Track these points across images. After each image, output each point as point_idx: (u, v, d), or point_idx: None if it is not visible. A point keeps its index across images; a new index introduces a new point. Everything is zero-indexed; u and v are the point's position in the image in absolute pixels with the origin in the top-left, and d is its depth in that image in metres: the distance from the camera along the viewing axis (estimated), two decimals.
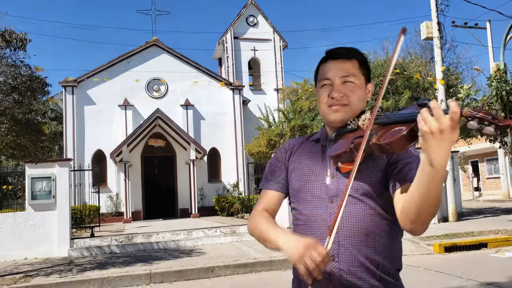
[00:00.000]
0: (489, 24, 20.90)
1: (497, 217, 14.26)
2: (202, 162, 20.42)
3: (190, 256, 9.29)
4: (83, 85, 19.88)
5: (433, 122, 1.12)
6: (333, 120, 1.57)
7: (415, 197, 1.25)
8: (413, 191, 1.26)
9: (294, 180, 1.64)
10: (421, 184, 1.22)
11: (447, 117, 1.10)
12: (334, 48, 1.63)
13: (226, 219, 16.35)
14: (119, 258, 9.59)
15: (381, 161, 1.50)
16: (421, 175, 1.22)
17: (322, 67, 1.62)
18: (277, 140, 15.96)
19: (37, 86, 8.05)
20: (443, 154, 1.14)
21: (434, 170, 1.16)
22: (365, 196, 1.48)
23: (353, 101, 1.54)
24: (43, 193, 10.40)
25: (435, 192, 1.21)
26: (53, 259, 9.80)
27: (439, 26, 14.17)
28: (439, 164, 1.15)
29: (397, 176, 1.44)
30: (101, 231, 12.67)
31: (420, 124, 1.15)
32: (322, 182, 1.55)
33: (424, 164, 1.19)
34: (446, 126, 1.11)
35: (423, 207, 1.24)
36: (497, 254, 8.39)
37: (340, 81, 1.55)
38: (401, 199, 1.36)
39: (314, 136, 1.72)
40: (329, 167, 1.57)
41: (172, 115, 19.73)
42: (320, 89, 1.60)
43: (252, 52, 24.07)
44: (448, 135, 1.11)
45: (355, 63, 1.58)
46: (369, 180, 1.48)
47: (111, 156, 18.52)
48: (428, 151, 1.15)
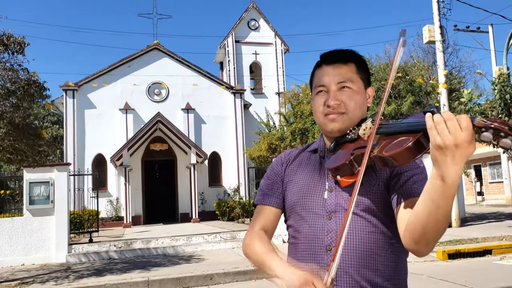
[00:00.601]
0: (491, 28, 20.80)
1: (501, 223, 14.12)
2: (203, 166, 20.31)
3: (189, 262, 9.16)
4: (84, 89, 19.82)
5: (447, 135, 1.01)
6: (330, 130, 1.45)
7: (422, 215, 1.12)
8: (420, 208, 1.13)
9: (290, 194, 1.51)
10: (430, 200, 1.09)
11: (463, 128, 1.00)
12: (329, 52, 1.50)
13: (226, 224, 16.22)
14: (117, 264, 9.47)
15: (384, 173, 1.37)
16: (430, 190, 1.09)
17: (317, 73, 1.50)
18: (278, 144, 15.83)
19: (35, 90, 7.96)
20: (457, 168, 1.03)
21: (446, 185, 1.05)
22: (366, 212, 1.36)
23: (351, 108, 1.42)
24: (41, 198, 10.28)
25: (445, 209, 1.08)
26: (51, 265, 9.68)
27: (442, 30, 14.07)
28: (452, 180, 1.04)
29: (400, 189, 1.31)
30: (100, 236, 12.55)
31: (433, 137, 1.03)
32: (320, 197, 1.43)
33: (434, 179, 1.07)
34: (463, 140, 1.00)
35: (430, 225, 1.12)
36: (502, 262, 8.26)
37: (336, 87, 1.43)
38: (405, 216, 1.23)
39: (311, 146, 1.59)
40: (327, 180, 1.44)
41: (173, 119, 19.64)
42: (315, 97, 1.48)
43: (254, 56, 24.01)
44: (465, 149, 1.00)
45: (352, 66, 1.45)
46: (371, 194, 1.36)
47: (112, 160, 18.43)
48: (440, 165, 1.04)
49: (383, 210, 1.36)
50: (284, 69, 24.08)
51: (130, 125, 19.73)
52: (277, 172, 1.59)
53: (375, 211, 1.36)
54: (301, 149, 1.63)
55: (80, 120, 19.48)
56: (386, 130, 1.26)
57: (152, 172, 21.19)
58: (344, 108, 1.42)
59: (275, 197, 1.54)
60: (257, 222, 1.54)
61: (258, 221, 1.54)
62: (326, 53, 1.50)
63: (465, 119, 1.00)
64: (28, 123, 8.01)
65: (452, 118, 1.01)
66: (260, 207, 1.56)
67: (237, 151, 20.84)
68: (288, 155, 1.62)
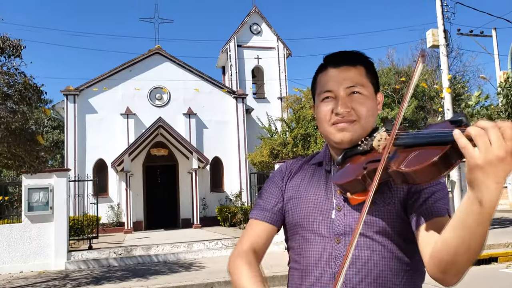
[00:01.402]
0: (495, 32, 20.67)
1: (505, 229, 13.94)
2: (205, 171, 20.17)
3: (189, 270, 9.01)
4: (85, 93, 19.73)
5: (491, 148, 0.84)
6: (339, 141, 1.27)
7: (452, 243, 0.96)
8: (450, 235, 0.97)
9: (292, 213, 1.34)
10: (463, 227, 0.93)
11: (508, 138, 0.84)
12: (335, 53, 1.34)
13: (228, 230, 16.06)
14: (117, 272, 9.32)
15: (400, 191, 1.21)
16: (464, 216, 0.93)
17: (321, 77, 1.33)
18: (280, 149, 15.69)
19: (32, 94, 7.84)
20: (497, 189, 0.86)
21: (484, 209, 0.88)
22: (381, 235, 1.20)
23: (363, 115, 1.25)
24: (40, 204, 10.16)
25: (481, 236, 0.93)
26: (49, 273, 9.54)
27: (445, 34, 13.93)
28: (491, 202, 0.88)
29: (421, 209, 1.15)
30: (100, 243, 12.40)
31: (470, 154, 0.86)
32: (327, 217, 1.26)
33: (470, 202, 0.90)
34: (508, 152, 0.83)
35: (461, 254, 0.96)
36: (508, 270, 8.12)
37: (345, 93, 1.26)
38: (429, 240, 1.07)
39: (315, 159, 1.42)
40: (334, 197, 1.28)
41: (174, 123, 19.53)
42: (321, 104, 1.31)
43: (256, 60, 23.91)
44: (509, 163, 0.84)
45: (361, 69, 1.29)
46: (386, 214, 1.19)
47: (113, 165, 18.31)
48: (480, 187, 0.87)
49: (400, 233, 1.20)
50: (286, 73, 23.97)
51: (131, 130, 19.62)
52: (277, 185, 1.41)
53: (390, 233, 1.19)
54: (304, 160, 1.46)
55: (81, 125, 19.39)
56: (406, 142, 1.08)
57: (153, 177, 21.06)
58: (355, 116, 1.25)
59: (272, 212, 1.37)
60: (248, 238, 1.36)
61: (249, 237, 1.36)
62: (331, 55, 1.34)
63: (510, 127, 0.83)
64: (25, 128, 7.90)
65: (493, 126, 0.84)
66: (254, 221, 1.38)
67: (239, 156, 20.70)
68: (290, 166, 1.45)
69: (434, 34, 13.98)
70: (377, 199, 1.18)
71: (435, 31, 14.08)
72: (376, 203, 1.18)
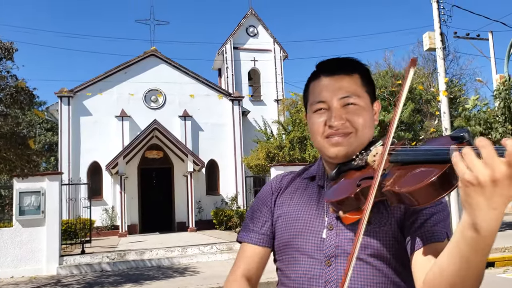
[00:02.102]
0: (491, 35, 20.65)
1: (502, 232, 13.88)
2: (200, 174, 20.05)
3: (183, 275, 8.88)
4: (79, 95, 19.58)
5: (482, 168, 0.74)
6: (334, 156, 1.18)
7: (447, 272, 0.87)
8: (444, 263, 0.88)
9: (280, 231, 1.25)
10: (459, 255, 0.84)
11: (502, 161, 0.73)
12: (328, 60, 1.24)
13: (223, 233, 15.93)
14: (109, 277, 9.18)
15: (397, 210, 1.12)
16: (459, 243, 0.83)
17: (313, 86, 1.23)
18: (276, 152, 15.59)
19: (24, 98, 7.70)
20: (495, 215, 0.76)
21: (480, 237, 0.79)
22: (375, 258, 1.10)
23: (360, 127, 1.16)
24: (32, 208, 10.00)
25: (478, 266, 0.83)
26: (40, 278, 9.38)
27: (442, 37, 13.88)
28: (489, 230, 0.78)
29: (418, 232, 1.05)
30: (94, 247, 12.24)
31: (461, 171, 0.77)
32: (317, 236, 1.17)
33: (465, 228, 0.81)
34: (502, 175, 0.73)
35: (458, 285, 0.86)
36: (505, 275, 8.06)
37: (340, 104, 1.17)
38: (424, 266, 0.98)
39: (308, 173, 1.32)
40: (326, 215, 1.18)
41: (169, 126, 19.40)
42: (313, 115, 1.21)
43: (252, 62, 23.82)
44: (506, 188, 0.74)
45: (356, 78, 1.19)
46: (381, 236, 1.10)
47: (107, 168, 18.16)
48: (473, 210, 0.77)
49: (396, 256, 1.10)
50: (283, 76, 23.88)
51: (126, 133, 19.47)
52: (266, 202, 1.32)
53: (386, 256, 1.10)
54: (296, 174, 1.36)
55: (75, 127, 19.22)
56: (403, 158, 0.99)
57: (148, 180, 20.91)
58: (351, 128, 1.16)
59: (261, 233, 1.28)
60: (240, 264, 1.28)
61: (241, 263, 1.28)
62: (324, 62, 1.24)
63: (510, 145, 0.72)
64: (16, 132, 7.76)
65: (487, 145, 0.74)
66: (244, 245, 1.30)
67: (235, 159, 20.58)
68: (280, 181, 1.35)
69: (430, 37, 13.93)
70: (373, 219, 1.09)
71: (431, 34, 14.03)
72: (371, 223, 1.09)
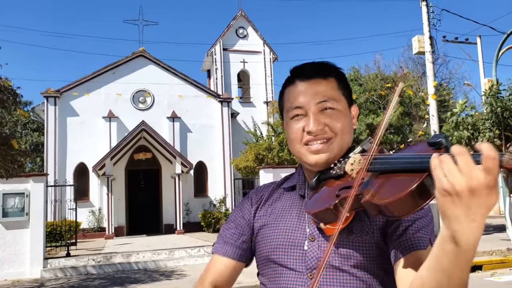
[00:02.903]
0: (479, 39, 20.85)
1: (489, 235, 13.99)
2: (188, 176, 19.90)
3: (169, 279, 8.77)
4: (66, 96, 19.34)
5: (459, 176, 0.70)
6: (314, 163, 1.12)
7: (429, 285, 0.82)
8: (425, 276, 0.84)
9: (261, 244, 1.19)
10: (439, 269, 0.79)
11: (480, 168, 0.69)
12: (303, 64, 1.19)
13: (211, 235, 15.83)
14: (95, 280, 9.03)
15: (379, 218, 1.06)
16: (439, 256, 0.79)
17: (288, 92, 1.17)
18: (265, 154, 15.53)
19: (8, 97, 7.54)
20: (475, 227, 0.72)
21: (460, 251, 0.74)
22: (358, 269, 1.06)
23: (339, 132, 1.11)
24: (16, 210, 9.82)
25: (460, 279, 0.78)
26: (24, 281, 9.20)
27: (431, 41, 13.97)
28: (468, 243, 0.73)
29: (399, 240, 1.01)
30: (79, 249, 12.06)
31: (438, 178, 0.73)
32: (299, 248, 1.12)
33: (444, 241, 0.77)
34: (480, 184, 0.69)
35: None
36: (492, 278, 8.08)
37: (317, 109, 1.12)
38: (407, 277, 0.93)
39: (288, 182, 1.27)
40: (308, 225, 1.13)
41: (158, 127, 19.25)
42: (290, 122, 1.15)
43: (242, 64, 23.76)
44: (484, 197, 0.70)
45: (332, 82, 1.14)
46: (363, 245, 1.06)
47: (94, 170, 17.95)
48: (451, 221, 0.73)
49: (379, 264, 1.06)
50: (272, 77, 23.86)
51: (114, 134, 19.27)
52: (245, 215, 1.26)
53: (369, 266, 1.06)
54: (276, 184, 1.30)
55: (61, 128, 18.97)
56: (379, 167, 0.94)
57: (135, 182, 20.72)
58: (330, 133, 1.11)
59: (236, 247, 1.23)
60: (210, 274, 1.22)
61: (211, 274, 1.22)
62: (299, 66, 1.19)
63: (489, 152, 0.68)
64: None
65: (464, 153, 0.71)
66: (216, 257, 1.24)
67: (224, 161, 20.47)
68: (260, 192, 1.29)
69: (420, 41, 14.00)
70: (354, 228, 1.04)
71: (421, 38, 14.10)
72: (353, 232, 1.05)
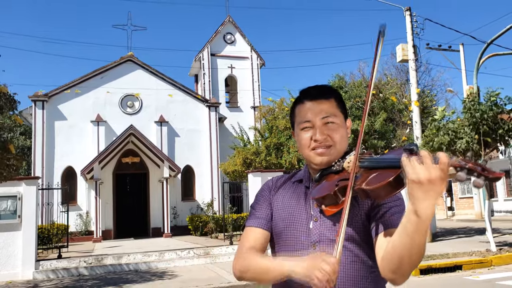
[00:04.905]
0: (462, 47, 21.41)
1: (470, 238, 14.40)
2: (176, 180, 20.08)
3: (162, 279, 8.97)
4: (54, 99, 19.39)
5: (422, 171, 1.08)
6: (319, 163, 1.51)
7: (398, 247, 1.20)
8: (396, 240, 1.20)
9: (277, 221, 1.56)
10: (405, 233, 1.16)
11: (436, 167, 1.07)
12: (309, 88, 1.58)
13: (199, 239, 16.02)
14: (88, 281, 9.19)
15: (365, 204, 1.45)
16: (405, 224, 1.16)
17: (299, 109, 1.56)
18: (253, 159, 15.79)
19: (5, 103, 7.71)
20: (430, 204, 1.10)
21: (420, 220, 1.12)
22: (349, 242, 1.42)
23: (337, 141, 1.50)
24: (8, 213, 9.93)
25: (418, 242, 1.15)
26: (16, 283, 9.31)
27: (415, 49, 14.43)
28: (426, 215, 1.11)
29: (379, 220, 1.39)
30: (70, 252, 12.18)
31: (408, 172, 1.11)
32: (306, 226, 1.49)
33: (409, 213, 1.14)
34: (436, 177, 1.07)
35: (406, 257, 1.19)
36: (471, 277, 8.40)
37: (321, 123, 1.50)
38: (383, 245, 1.32)
39: (296, 176, 1.65)
40: (312, 209, 1.50)
41: (146, 131, 19.41)
42: (301, 132, 1.54)
43: (229, 69, 24.04)
44: (437, 186, 1.08)
45: (332, 101, 1.54)
46: (353, 224, 1.43)
47: (82, 173, 18.02)
48: (414, 200, 1.11)
49: (365, 240, 1.43)
50: (259, 83, 24.17)
51: (102, 138, 19.36)
52: (266, 197, 1.63)
53: (358, 240, 1.43)
54: (287, 177, 1.68)
55: (49, 131, 19.01)
56: (369, 165, 1.33)
57: (123, 186, 20.81)
58: (331, 141, 1.49)
59: (266, 220, 1.58)
60: (246, 242, 1.55)
61: (247, 241, 1.55)
62: (306, 89, 1.57)
63: (443, 157, 1.06)
64: None
65: (428, 156, 1.09)
66: (250, 229, 1.58)
67: (211, 165, 20.70)
68: (276, 182, 1.67)
69: (404, 49, 14.46)
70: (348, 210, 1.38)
71: (404, 46, 14.56)
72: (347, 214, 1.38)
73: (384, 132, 14.91)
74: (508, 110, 10.48)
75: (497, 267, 9.26)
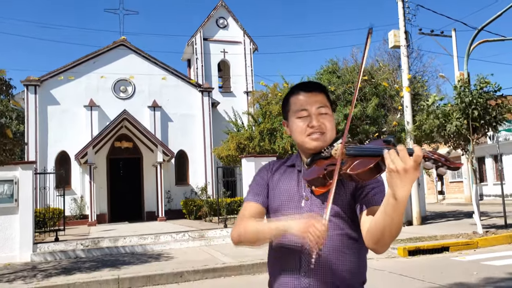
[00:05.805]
0: (454, 33, 21.53)
1: (459, 221, 14.73)
2: (170, 164, 20.22)
3: (158, 260, 9.18)
4: (46, 84, 19.36)
5: (399, 162, 1.29)
6: (313, 148, 1.69)
7: (380, 223, 1.42)
8: (378, 217, 1.43)
9: (272, 200, 1.76)
10: (385, 213, 1.39)
11: (411, 159, 1.27)
12: (305, 82, 1.79)
13: (194, 222, 16.24)
14: (85, 263, 9.38)
15: (350, 185, 1.65)
16: (386, 205, 1.38)
17: (294, 99, 1.74)
18: (246, 143, 15.95)
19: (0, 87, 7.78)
20: (406, 189, 1.30)
21: (397, 202, 1.33)
22: (336, 217, 1.62)
23: (329, 129, 1.69)
24: (5, 197, 10.05)
25: (397, 220, 1.38)
26: (15, 265, 9.48)
27: (406, 35, 14.56)
28: (402, 198, 1.32)
29: (363, 200, 1.60)
30: (66, 235, 12.34)
31: (388, 162, 1.31)
32: (298, 205, 1.69)
33: (389, 196, 1.35)
34: (410, 167, 1.27)
35: (386, 231, 1.41)
36: (458, 258, 8.67)
37: (317, 112, 1.69)
38: (367, 221, 1.53)
39: (289, 161, 1.84)
40: (304, 190, 1.70)
41: (139, 116, 19.47)
42: (296, 120, 1.72)
43: (222, 54, 24.04)
44: (411, 174, 1.28)
45: (323, 95, 1.73)
46: (339, 202, 1.63)
47: (76, 158, 18.10)
48: (393, 186, 1.32)
49: (349, 216, 1.64)
50: (252, 68, 24.22)
51: (95, 123, 19.40)
52: (264, 178, 1.83)
53: (343, 216, 1.64)
54: (281, 162, 1.88)
55: (42, 116, 19.02)
56: (354, 153, 1.53)
57: (117, 170, 20.93)
58: (324, 129, 1.68)
59: (262, 196, 1.79)
60: (246, 213, 1.75)
61: (246, 213, 1.75)
62: (302, 83, 1.77)
63: (417, 151, 1.26)
64: None
65: (404, 149, 1.30)
66: (249, 203, 1.78)
67: (205, 150, 20.85)
68: (273, 165, 1.88)
69: (395, 35, 14.58)
70: (334, 191, 1.57)
71: (396, 32, 14.68)
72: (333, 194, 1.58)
73: (376, 117, 15.09)
74: (497, 96, 10.72)
75: (483, 248, 9.54)
